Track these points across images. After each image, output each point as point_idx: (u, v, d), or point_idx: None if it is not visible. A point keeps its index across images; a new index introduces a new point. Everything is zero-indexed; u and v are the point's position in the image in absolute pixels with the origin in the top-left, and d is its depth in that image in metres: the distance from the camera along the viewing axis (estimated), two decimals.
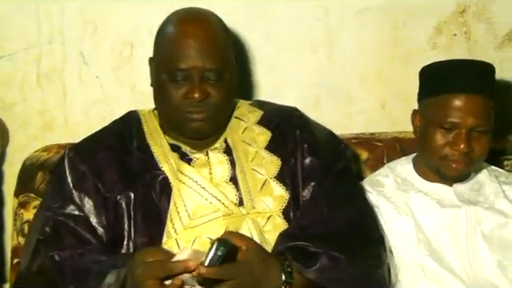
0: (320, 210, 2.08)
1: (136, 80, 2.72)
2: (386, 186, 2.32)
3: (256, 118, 2.22)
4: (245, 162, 2.12)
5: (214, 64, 2.06)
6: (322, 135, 2.24)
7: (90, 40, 2.70)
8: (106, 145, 2.15)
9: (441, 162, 2.23)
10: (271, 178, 2.12)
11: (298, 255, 1.94)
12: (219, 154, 2.13)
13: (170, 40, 2.09)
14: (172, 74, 2.05)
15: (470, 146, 2.18)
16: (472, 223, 2.24)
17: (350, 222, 2.06)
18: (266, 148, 2.16)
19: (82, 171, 2.10)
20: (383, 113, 2.85)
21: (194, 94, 2.04)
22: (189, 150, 2.14)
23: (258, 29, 2.73)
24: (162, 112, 2.15)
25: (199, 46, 2.06)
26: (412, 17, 2.79)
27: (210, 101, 2.06)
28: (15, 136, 2.70)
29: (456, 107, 2.19)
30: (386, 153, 2.55)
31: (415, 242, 2.21)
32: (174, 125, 2.12)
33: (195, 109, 2.06)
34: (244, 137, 2.18)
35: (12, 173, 2.55)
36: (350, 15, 2.77)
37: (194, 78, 2.04)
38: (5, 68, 2.69)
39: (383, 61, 2.82)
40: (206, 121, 2.09)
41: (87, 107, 2.73)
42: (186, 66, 2.04)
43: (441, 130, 2.21)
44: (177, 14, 2.16)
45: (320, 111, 2.77)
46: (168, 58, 2.07)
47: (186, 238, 2.01)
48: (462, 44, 2.83)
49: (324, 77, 2.80)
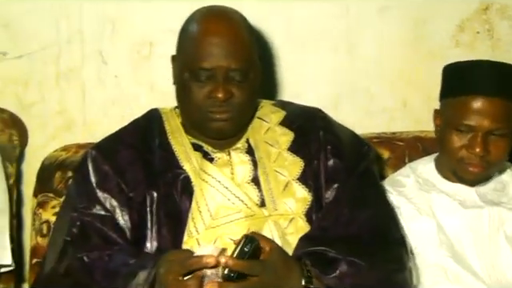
0: (341, 211, 2.05)
1: (155, 79, 2.72)
2: (407, 187, 2.29)
3: (279, 118, 2.19)
4: (267, 163, 2.10)
5: (238, 64, 2.03)
6: (346, 137, 2.21)
7: (109, 39, 2.69)
8: (128, 143, 2.13)
9: (457, 164, 2.21)
10: (294, 179, 2.09)
11: (318, 261, 1.91)
12: (241, 154, 2.10)
13: (194, 38, 2.06)
14: (196, 73, 2.03)
15: (486, 149, 2.15)
16: (495, 224, 2.21)
17: (370, 224, 2.04)
18: (288, 149, 2.13)
19: (105, 171, 2.08)
20: (405, 111, 2.82)
21: (217, 94, 2.01)
22: (210, 149, 2.11)
23: (278, 27, 2.71)
24: (185, 111, 2.13)
25: (224, 45, 2.03)
26: (434, 14, 2.77)
27: (233, 101, 2.03)
28: (34, 136, 2.69)
29: (473, 110, 2.15)
30: (408, 152, 2.52)
31: (437, 244, 2.19)
32: (196, 124, 2.10)
33: (218, 109, 2.03)
34: (266, 137, 2.15)
35: (31, 173, 2.54)
36: (371, 13, 2.75)
37: (218, 77, 2.02)
38: (23, 68, 2.68)
39: (405, 59, 2.79)
40: (229, 121, 2.06)
41: (106, 107, 2.73)
42: (210, 65, 2.01)
43: (457, 132, 2.18)
44: (201, 12, 2.13)
45: (341, 110, 2.75)
46: (192, 57, 2.04)
47: (207, 237, 2.00)
48: (485, 42, 2.80)
49: (345, 75, 2.78)
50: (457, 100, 2.19)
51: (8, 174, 2.44)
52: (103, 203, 2.04)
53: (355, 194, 2.09)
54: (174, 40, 2.61)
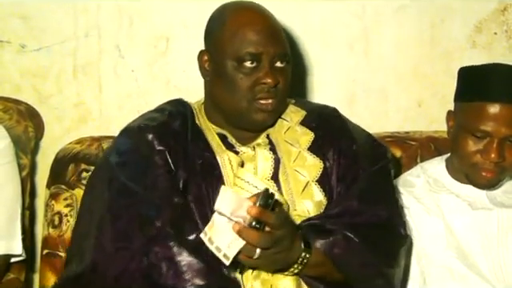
0: (350, 204, 2.05)
1: (171, 74, 2.74)
2: (416, 187, 2.28)
3: (299, 118, 2.19)
4: (287, 163, 2.10)
5: (282, 49, 2.05)
6: (361, 138, 2.20)
7: (126, 34, 2.71)
8: (176, 133, 2.09)
9: (471, 169, 2.19)
10: (313, 181, 2.09)
11: (315, 228, 1.94)
12: (265, 150, 2.10)
13: (235, 27, 2.04)
14: (241, 59, 2.01)
15: (501, 155, 2.13)
16: (504, 226, 2.19)
17: (377, 220, 2.03)
18: (308, 149, 2.13)
19: (160, 149, 2.04)
20: (420, 111, 2.82)
21: (267, 79, 2.00)
22: (235, 141, 2.11)
23: (294, 25, 2.70)
24: (225, 102, 2.08)
25: (267, 31, 2.04)
26: (451, 14, 2.76)
27: (279, 88, 2.04)
28: (50, 128, 2.72)
29: (489, 116, 2.13)
30: (420, 152, 2.52)
31: (444, 244, 2.18)
32: (236, 116, 2.07)
33: (266, 95, 2.02)
34: (286, 137, 2.14)
35: (46, 164, 2.55)
36: (388, 12, 2.75)
37: (265, 63, 2.02)
38: (42, 60, 2.71)
39: (421, 59, 2.79)
40: (273, 111, 2.06)
41: (122, 100, 2.75)
42: (257, 50, 2.01)
43: (472, 137, 2.16)
44: (233, 5, 2.13)
45: (356, 109, 2.76)
46: (236, 45, 2.02)
47: None
48: (503, 43, 2.79)
49: (360, 74, 2.79)
50: (473, 105, 2.17)
51: (22, 165, 2.46)
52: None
53: (366, 189, 2.08)
54: (191, 35, 2.66)
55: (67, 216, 2.35)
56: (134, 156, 2.06)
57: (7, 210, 2.31)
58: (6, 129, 2.41)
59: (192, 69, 2.13)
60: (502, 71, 2.21)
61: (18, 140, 2.48)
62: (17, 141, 2.46)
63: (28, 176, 2.52)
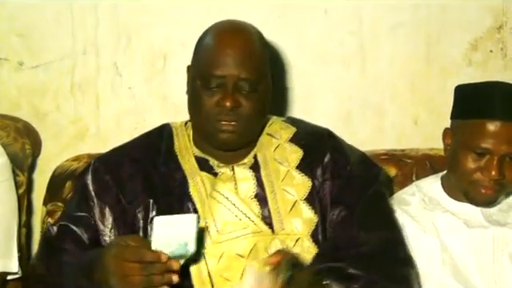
0: (353, 234, 2.05)
1: (168, 91, 2.75)
2: (411, 205, 2.28)
3: (288, 135, 2.19)
4: (275, 182, 2.10)
5: (249, 74, 2.04)
6: (354, 158, 2.20)
7: (124, 51, 2.73)
8: (132, 157, 2.15)
9: (470, 186, 2.19)
10: (301, 199, 2.09)
11: (337, 275, 1.92)
12: (245, 169, 2.11)
13: (208, 47, 2.08)
14: (207, 80, 2.04)
15: (501, 173, 2.14)
16: (499, 245, 2.19)
17: (380, 246, 2.03)
18: (297, 167, 2.13)
19: (105, 181, 2.11)
20: (416, 128, 2.82)
21: (225, 102, 2.02)
22: (216, 163, 2.12)
23: (290, 42, 2.73)
24: (194, 120, 2.13)
25: (236, 54, 2.04)
26: (447, 32, 2.77)
27: (241, 111, 2.04)
28: (48, 145, 2.74)
29: (490, 133, 2.14)
30: (416, 170, 2.52)
31: (440, 263, 2.17)
32: (204, 134, 2.10)
33: (225, 117, 2.03)
34: (276, 155, 2.15)
35: (43, 181, 2.56)
36: (384, 29, 2.76)
37: (228, 86, 2.02)
38: (39, 77, 2.73)
39: (417, 76, 2.79)
40: (236, 132, 2.06)
41: (119, 117, 2.76)
42: (222, 73, 2.02)
43: (472, 154, 2.16)
44: (218, 24, 2.15)
45: (352, 126, 2.77)
46: (205, 65, 2.06)
47: (213, 252, 2.01)
48: (498, 61, 2.79)
49: (356, 91, 2.79)
50: (472, 122, 2.17)
51: (19, 182, 2.47)
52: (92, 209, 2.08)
53: (366, 216, 2.08)
54: (188, 53, 2.63)
55: None
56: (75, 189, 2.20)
57: (4, 227, 2.31)
58: (3, 146, 2.41)
59: None
60: (502, 89, 2.22)
61: (15, 157, 2.49)
62: (14, 158, 2.47)
63: (25, 193, 2.52)
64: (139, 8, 2.70)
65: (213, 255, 2.00)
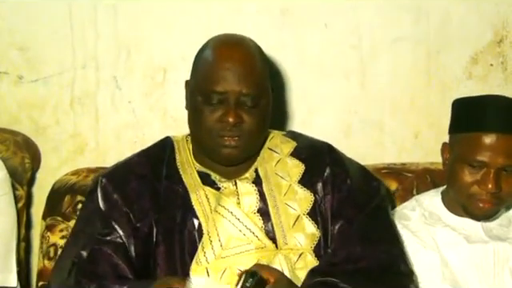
0: (352, 249, 2.04)
1: (168, 105, 2.74)
2: (412, 220, 2.27)
3: (289, 149, 2.18)
4: (278, 196, 2.09)
5: (250, 89, 2.03)
6: (355, 172, 2.19)
7: (123, 65, 2.72)
8: (139, 174, 2.12)
9: (467, 200, 2.18)
10: (304, 214, 2.08)
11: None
12: (248, 184, 2.10)
13: (208, 63, 2.06)
14: (208, 96, 2.02)
15: (498, 186, 2.13)
16: (500, 260, 2.18)
17: (379, 260, 2.02)
18: (299, 182, 2.13)
19: (114, 200, 2.08)
20: (416, 143, 2.81)
21: (228, 118, 2.00)
22: (218, 178, 2.11)
23: (291, 55, 2.73)
24: (195, 135, 2.12)
25: (238, 70, 2.03)
26: (447, 46, 2.77)
27: (243, 127, 2.03)
28: (47, 159, 2.73)
29: (486, 146, 2.13)
30: (416, 184, 2.51)
31: (440, 278, 2.16)
32: (206, 150, 2.09)
33: (228, 133, 2.02)
34: (277, 169, 2.14)
35: (43, 195, 2.55)
36: (384, 43, 2.76)
37: (230, 101, 2.01)
38: (39, 91, 2.72)
39: (417, 90, 2.79)
40: (238, 148, 2.05)
41: (119, 131, 2.75)
42: (223, 89, 2.01)
43: (469, 167, 2.16)
44: (217, 38, 2.14)
45: (352, 140, 2.76)
46: (205, 81, 2.04)
47: (216, 267, 1.99)
48: (499, 74, 2.79)
49: (356, 105, 2.79)
50: (469, 135, 2.17)
51: (18, 196, 2.46)
52: (116, 230, 2.04)
53: (366, 230, 2.07)
54: (188, 67, 2.63)
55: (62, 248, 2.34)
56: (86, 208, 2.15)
57: (3, 241, 2.31)
58: (2, 160, 2.40)
59: None
60: (498, 101, 2.22)
61: (15, 171, 2.48)
62: (13, 172, 2.46)
63: (24, 207, 2.51)
64: (139, 22, 2.70)
65: (215, 270, 1.99)
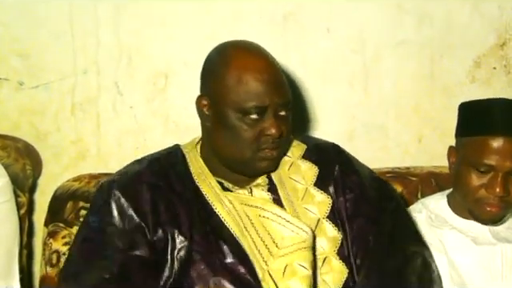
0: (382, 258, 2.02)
1: (170, 111, 2.73)
2: (418, 223, 2.25)
3: (300, 152, 2.16)
4: (295, 201, 2.07)
5: (286, 98, 1.99)
6: (365, 172, 2.18)
7: (125, 71, 2.71)
8: (153, 185, 2.04)
9: (475, 204, 2.17)
10: (324, 217, 2.06)
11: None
12: (263, 191, 2.06)
13: (239, 75, 1.95)
14: (246, 111, 1.95)
15: (506, 189, 2.12)
16: (508, 262, 2.17)
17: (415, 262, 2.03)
18: (314, 184, 2.10)
19: (129, 215, 2.00)
20: (420, 147, 2.81)
21: (272, 131, 1.96)
22: (231, 186, 2.07)
23: (294, 61, 2.71)
24: (227, 151, 2.01)
25: (273, 80, 1.97)
26: (450, 50, 2.76)
27: (282, 136, 2.00)
28: (48, 165, 2.71)
29: (493, 150, 2.13)
30: (421, 188, 2.51)
31: (448, 280, 2.15)
32: (239, 164, 2.02)
33: (271, 145, 1.98)
34: (291, 173, 2.11)
35: (45, 202, 2.53)
36: (387, 48, 2.75)
37: (270, 114, 1.96)
38: (40, 97, 2.70)
39: (421, 94, 2.78)
40: (277, 158, 2.03)
41: (120, 137, 2.73)
42: (263, 103, 1.94)
43: (476, 171, 2.15)
44: (235, 48, 2.03)
45: (356, 144, 2.75)
46: (241, 96, 1.95)
47: (276, 267, 1.95)
48: (502, 77, 2.79)
49: (360, 109, 2.78)
50: (476, 139, 2.16)
51: (20, 203, 2.44)
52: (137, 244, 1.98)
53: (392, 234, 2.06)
54: (190, 72, 2.65)
55: (65, 255, 2.31)
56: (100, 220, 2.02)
57: (5, 248, 2.29)
58: (4, 167, 2.38)
59: (191, 106, 2.11)
60: (504, 105, 2.21)
61: (16, 178, 2.46)
62: (15, 179, 2.44)
63: (26, 214, 2.49)
64: (140, 27, 2.68)
65: (276, 270, 1.95)
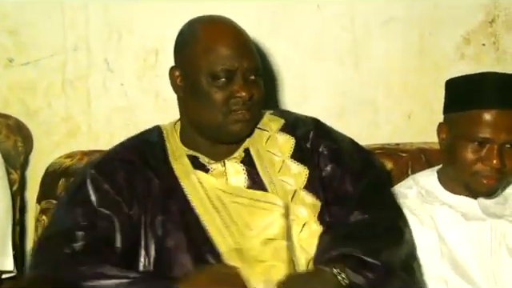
0: (360, 218, 2.05)
1: (160, 88, 2.72)
2: (409, 198, 2.28)
3: (278, 126, 2.19)
4: (273, 174, 2.10)
5: (253, 62, 2.06)
6: (344, 142, 2.21)
7: (115, 47, 2.71)
8: (126, 160, 2.09)
9: (471, 177, 2.19)
10: (300, 188, 2.09)
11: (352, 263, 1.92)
12: (236, 163, 2.10)
13: (208, 42, 2.04)
14: (215, 75, 2.01)
15: (502, 161, 2.14)
16: (497, 237, 2.19)
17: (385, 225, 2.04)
18: (291, 156, 2.13)
19: (105, 190, 2.04)
20: (409, 123, 2.82)
21: (242, 93, 2.01)
22: (207, 160, 2.10)
23: (284, 38, 2.72)
24: (199, 118, 2.07)
25: (241, 45, 2.05)
26: (439, 26, 2.77)
27: (253, 99, 2.05)
28: (39, 142, 2.71)
29: (488, 122, 2.14)
30: (411, 164, 2.51)
31: (438, 256, 2.17)
32: (212, 129, 2.06)
33: (242, 107, 2.03)
34: (268, 146, 2.14)
35: (35, 179, 2.55)
36: (377, 25, 2.76)
37: (239, 77, 2.02)
38: (30, 74, 2.70)
39: (410, 71, 2.80)
40: (249, 121, 2.07)
41: (111, 114, 2.74)
42: (231, 66, 2.01)
43: (472, 145, 2.16)
44: (204, 19, 2.13)
45: (345, 121, 2.76)
46: (210, 60, 2.02)
47: (249, 246, 1.99)
48: (491, 54, 2.80)
49: (350, 86, 2.79)
50: (469, 113, 2.17)
51: (12, 180, 2.45)
52: (106, 221, 2.00)
53: (370, 199, 2.09)
54: None
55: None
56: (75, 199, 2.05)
57: None
58: None
59: None
60: (495, 77, 2.23)
61: (8, 155, 2.47)
62: (6, 156, 2.45)
63: (18, 191, 2.50)
64: (130, 3, 2.68)
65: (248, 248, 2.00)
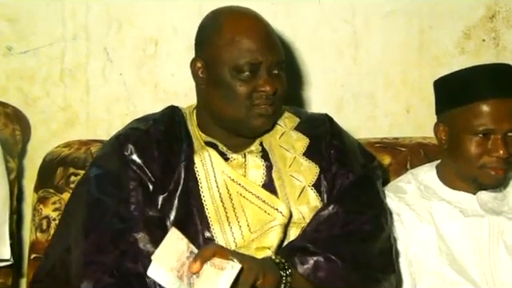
0: (335, 214, 2.02)
1: (159, 78, 2.72)
2: (408, 193, 2.28)
3: (293, 123, 2.18)
4: (282, 168, 2.09)
5: (280, 57, 2.05)
6: (351, 144, 2.20)
7: (115, 37, 2.70)
8: (157, 140, 2.08)
9: (479, 171, 2.18)
10: (309, 185, 2.08)
11: (294, 252, 1.92)
12: (257, 158, 2.09)
13: (233, 35, 2.02)
14: (239, 69, 2.00)
15: (508, 151, 2.14)
16: (495, 233, 2.19)
17: (361, 230, 2.02)
18: (304, 154, 2.12)
19: (137, 163, 2.03)
20: (408, 117, 2.82)
21: (266, 87, 2.00)
22: (225, 149, 2.10)
23: (284, 30, 2.69)
24: (223, 109, 2.05)
25: (266, 38, 2.04)
26: (440, 21, 2.77)
27: (277, 94, 2.04)
28: (37, 131, 2.70)
29: (488, 113, 2.14)
30: (410, 158, 2.51)
31: (436, 251, 2.18)
32: (236, 122, 2.05)
33: (265, 101, 2.02)
34: (281, 142, 2.14)
35: (33, 168, 2.54)
36: (377, 18, 2.76)
37: (263, 71, 2.01)
38: (29, 63, 2.69)
39: (409, 64, 2.80)
40: (271, 116, 2.07)
41: (110, 104, 2.73)
42: (256, 60, 2.00)
43: (475, 138, 2.16)
44: (228, 11, 2.10)
45: (344, 114, 2.76)
46: (234, 53, 2.01)
47: (245, 247, 1.98)
48: (491, 50, 2.80)
49: (349, 79, 2.79)
50: (469, 107, 2.17)
51: (9, 169, 2.44)
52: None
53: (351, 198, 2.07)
54: (180, 39, 2.65)
55: (55, 220, 2.33)
56: (109, 169, 2.05)
57: None
58: None
59: (181, 72, 2.11)
60: (490, 69, 2.24)
61: (6, 143, 2.46)
62: (4, 144, 2.44)
63: (15, 180, 2.49)
64: None
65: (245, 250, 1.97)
